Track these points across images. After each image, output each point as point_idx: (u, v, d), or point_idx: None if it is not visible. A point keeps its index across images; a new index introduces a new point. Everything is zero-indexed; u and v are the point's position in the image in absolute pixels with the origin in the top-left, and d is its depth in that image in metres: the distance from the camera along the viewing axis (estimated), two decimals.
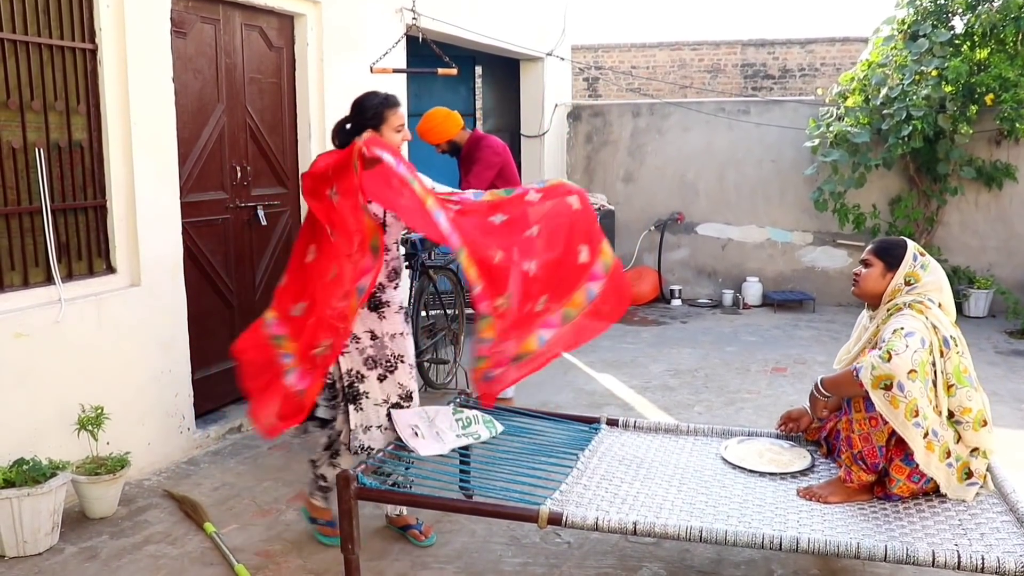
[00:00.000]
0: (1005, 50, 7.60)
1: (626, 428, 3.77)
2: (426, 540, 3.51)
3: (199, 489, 4.08)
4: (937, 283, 3.17)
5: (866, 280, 3.24)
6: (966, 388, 3.00)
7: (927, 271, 3.17)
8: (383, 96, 3.37)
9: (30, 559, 3.37)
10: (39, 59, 3.77)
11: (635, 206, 9.24)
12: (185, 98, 4.54)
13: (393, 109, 3.34)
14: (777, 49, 13.45)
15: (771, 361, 6.54)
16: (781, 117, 8.72)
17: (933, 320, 3.02)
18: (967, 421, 3.00)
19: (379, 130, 3.31)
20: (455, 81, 8.42)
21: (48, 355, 3.74)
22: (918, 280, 3.15)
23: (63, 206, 3.91)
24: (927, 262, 3.19)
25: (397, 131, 3.36)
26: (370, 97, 3.37)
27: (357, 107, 3.37)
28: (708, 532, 2.76)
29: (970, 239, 8.17)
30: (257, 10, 5.03)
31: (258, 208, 5.10)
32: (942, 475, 2.95)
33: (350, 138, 3.29)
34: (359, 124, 3.33)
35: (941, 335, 3.00)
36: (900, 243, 3.24)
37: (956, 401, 3.00)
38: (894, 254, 3.20)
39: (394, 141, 3.33)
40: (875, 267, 3.22)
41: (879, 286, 3.21)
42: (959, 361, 3.02)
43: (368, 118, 3.32)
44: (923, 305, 3.06)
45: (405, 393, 3.44)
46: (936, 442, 2.92)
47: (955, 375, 3.00)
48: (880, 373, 2.85)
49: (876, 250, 3.27)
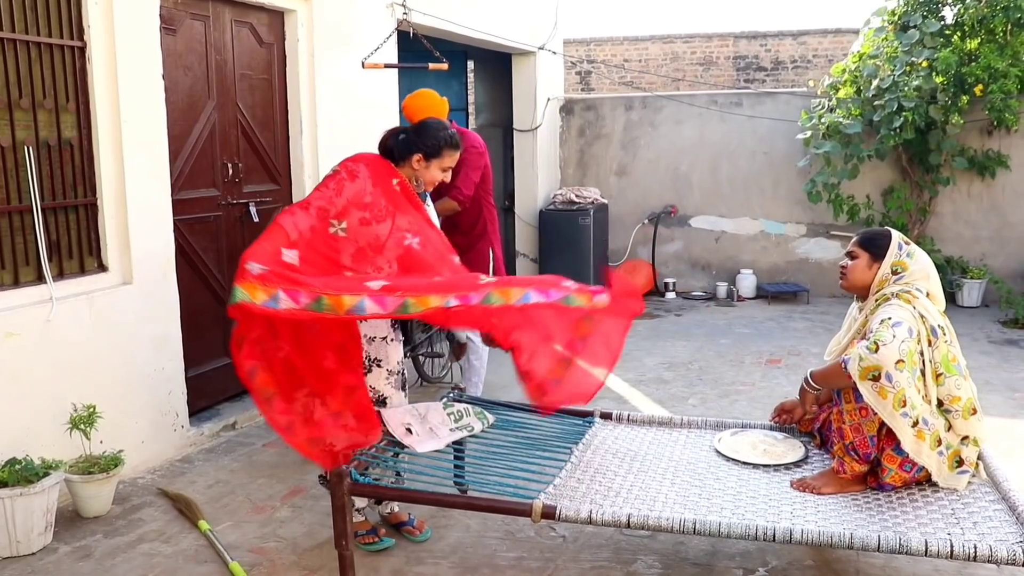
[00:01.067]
0: (995, 40, 7.61)
1: (620, 421, 3.77)
2: (421, 535, 3.51)
3: (193, 487, 4.07)
4: (924, 271, 3.18)
5: (853, 272, 3.26)
6: (955, 376, 3.02)
7: (913, 259, 3.19)
8: (451, 134, 3.31)
9: (23, 559, 3.37)
10: (27, 57, 3.75)
11: (628, 199, 9.24)
12: (175, 95, 4.52)
13: (453, 151, 3.30)
14: (769, 41, 13.45)
15: (765, 353, 6.55)
16: (773, 109, 8.72)
17: (921, 310, 3.03)
18: (956, 409, 3.01)
19: (428, 162, 3.27)
20: (447, 76, 8.38)
21: (40, 354, 3.73)
22: (905, 269, 3.17)
23: (53, 204, 3.89)
24: (912, 250, 3.21)
25: (443, 171, 3.32)
26: (440, 127, 3.31)
27: (422, 128, 3.30)
28: (702, 524, 2.76)
29: (963, 229, 8.19)
30: (247, 6, 5.00)
31: (250, 205, 5.09)
32: (933, 463, 2.97)
33: (402, 151, 3.26)
34: (415, 145, 3.27)
35: (929, 324, 3.01)
36: (884, 233, 3.27)
37: (945, 390, 3.01)
38: (879, 244, 3.22)
39: (435, 178, 3.30)
40: (861, 258, 3.24)
41: (866, 277, 3.23)
42: (947, 350, 3.03)
43: (427, 145, 3.26)
44: (911, 295, 3.08)
45: (377, 397, 3.35)
46: (927, 431, 2.93)
47: (943, 364, 3.01)
48: (868, 364, 2.86)
49: (861, 241, 3.29)
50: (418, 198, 3.29)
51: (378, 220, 3.11)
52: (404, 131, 3.33)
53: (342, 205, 3.05)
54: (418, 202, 3.27)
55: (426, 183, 3.32)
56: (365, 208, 3.09)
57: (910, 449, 2.92)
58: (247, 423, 4.93)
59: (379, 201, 3.12)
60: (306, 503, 3.87)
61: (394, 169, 3.26)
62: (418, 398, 3.92)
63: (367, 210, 3.09)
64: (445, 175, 3.35)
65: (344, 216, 3.04)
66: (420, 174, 3.29)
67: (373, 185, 3.14)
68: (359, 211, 3.07)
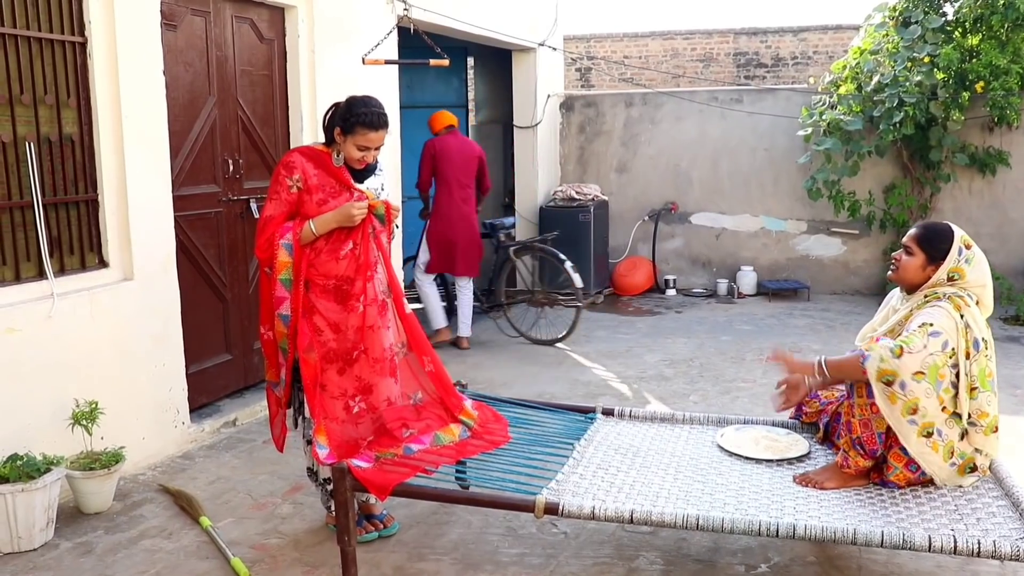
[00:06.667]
0: (995, 36, 7.60)
1: (622, 417, 3.77)
2: (387, 529, 3.50)
3: (194, 483, 4.07)
4: (980, 280, 3.04)
5: (906, 270, 3.10)
6: (987, 393, 2.94)
7: (972, 265, 3.03)
8: (369, 112, 3.22)
9: (25, 555, 3.36)
10: (28, 52, 3.74)
11: (629, 196, 9.23)
12: (176, 91, 4.51)
13: (367, 129, 3.21)
14: (770, 37, 13.43)
15: (766, 350, 6.53)
16: (774, 106, 8.71)
17: (969, 319, 2.91)
18: (981, 425, 2.96)
19: (345, 136, 3.25)
20: (447, 72, 8.39)
21: (41, 350, 3.72)
22: (962, 276, 3.01)
23: (54, 200, 3.88)
24: (972, 255, 3.04)
25: (359, 149, 3.26)
26: (362, 104, 3.26)
27: (347, 103, 3.30)
28: (705, 520, 2.76)
29: (964, 226, 7.97)
30: (248, 2, 5.00)
31: (251, 201, 5.08)
32: (943, 473, 2.93)
33: (329, 123, 3.32)
34: (337, 117, 3.29)
35: (972, 336, 2.91)
36: (946, 233, 3.07)
37: (976, 404, 2.94)
38: (939, 247, 3.04)
39: (352, 154, 3.28)
40: (917, 257, 3.07)
41: (919, 277, 3.08)
42: (986, 364, 2.95)
43: (344, 119, 3.25)
44: (963, 301, 2.95)
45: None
46: (941, 442, 2.88)
47: (980, 378, 2.93)
48: (886, 367, 2.81)
49: (919, 237, 3.10)
50: (343, 172, 3.32)
51: (334, 196, 3.29)
52: (336, 103, 3.35)
53: (295, 198, 3.27)
54: (344, 177, 3.32)
55: (348, 160, 3.31)
56: (316, 190, 3.28)
57: (915, 453, 2.89)
58: (248, 419, 4.92)
59: (326, 179, 3.30)
60: (307, 499, 3.86)
61: (327, 152, 3.33)
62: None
63: (319, 191, 3.28)
64: (364, 155, 3.27)
65: (304, 207, 3.27)
66: (342, 149, 3.30)
67: (315, 167, 3.29)
68: (312, 195, 3.27)
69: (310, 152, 3.35)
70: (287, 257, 3.25)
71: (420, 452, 3.21)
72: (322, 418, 3.23)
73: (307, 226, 3.24)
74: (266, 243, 3.26)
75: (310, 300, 3.28)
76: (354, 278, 3.31)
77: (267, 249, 3.26)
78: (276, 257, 3.24)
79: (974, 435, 2.96)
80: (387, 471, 3.06)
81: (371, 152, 3.29)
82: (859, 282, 8.65)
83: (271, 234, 3.26)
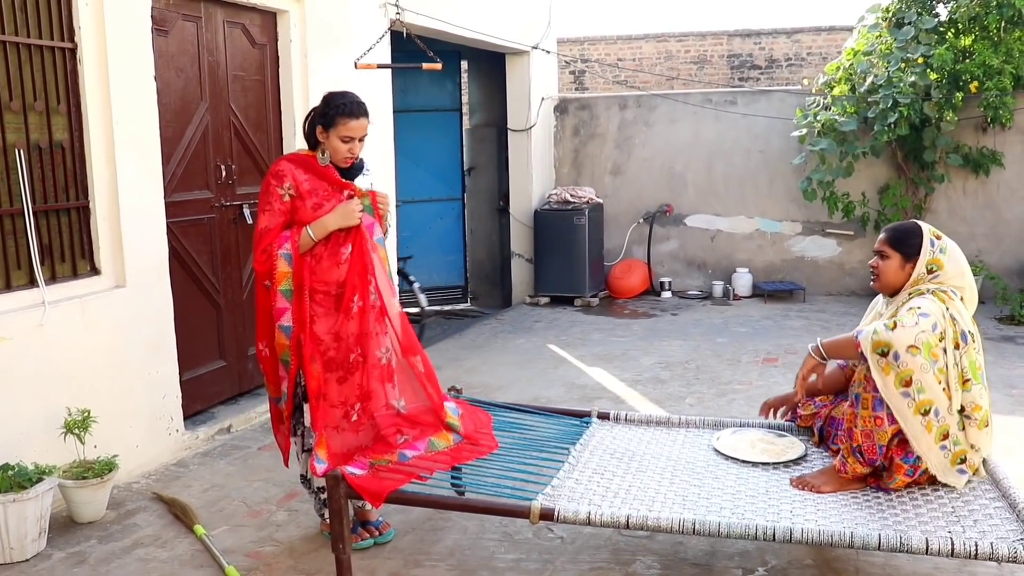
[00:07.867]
0: (989, 37, 7.61)
1: (617, 421, 3.75)
2: (383, 536, 3.48)
3: (188, 491, 4.04)
4: (959, 269, 3.08)
5: (885, 274, 3.14)
6: (980, 385, 2.96)
7: (947, 255, 3.08)
8: (346, 103, 3.21)
9: (17, 566, 3.33)
10: (17, 58, 3.72)
11: (623, 199, 9.22)
12: (168, 97, 4.50)
13: (347, 118, 3.19)
14: (763, 39, 13.44)
15: (762, 352, 6.53)
16: (768, 107, 8.71)
17: (954, 312, 2.95)
18: (975, 418, 2.96)
19: (327, 132, 3.22)
20: (441, 76, 8.37)
21: (32, 358, 3.70)
22: (941, 267, 3.06)
23: (45, 207, 3.86)
24: (944, 245, 3.09)
25: (344, 141, 3.23)
26: (338, 96, 3.24)
27: (323, 100, 3.28)
28: (701, 524, 2.74)
29: (958, 226, 8.18)
30: (239, 7, 4.98)
31: (244, 207, 5.06)
32: (934, 457, 2.92)
33: (311, 127, 3.30)
34: (317, 117, 3.27)
35: (959, 328, 2.94)
36: (914, 230, 3.12)
37: (970, 397, 2.95)
38: (911, 244, 3.09)
39: (338, 149, 3.24)
40: (892, 259, 3.12)
41: (900, 278, 3.12)
42: (975, 357, 2.97)
43: (323, 115, 3.23)
44: (946, 295, 2.99)
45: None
46: (935, 422, 2.88)
47: (971, 370, 2.95)
48: (880, 339, 2.83)
49: (889, 239, 3.14)
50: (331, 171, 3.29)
51: (327, 199, 3.26)
52: (313, 108, 3.33)
53: (289, 206, 3.23)
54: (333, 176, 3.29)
55: (334, 157, 3.28)
56: (309, 195, 3.24)
57: (912, 435, 2.87)
58: (242, 426, 4.90)
59: (317, 183, 3.27)
60: (302, 506, 3.84)
61: (312, 155, 3.31)
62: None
63: (312, 196, 3.25)
64: (349, 146, 3.24)
65: (299, 214, 3.23)
66: (327, 147, 3.27)
67: (304, 172, 3.27)
68: (306, 201, 3.24)
69: (296, 158, 3.32)
70: (287, 267, 3.21)
71: (415, 458, 3.19)
72: (323, 430, 3.20)
73: (305, 232, 3.20)
74: (263, 255, 3.22)
75: (312, 309, 3.24)
76: (354, 283, 3.28)
77: (265, 261, 3.22)
78: (275, 268, 3.20)
79: (969, 428, 2.97)
80: (382, 478, 3.04)
81: (356, 144, 3.25)
82: (854, 283, 8.65)
83: (268, 245, 3.21)
